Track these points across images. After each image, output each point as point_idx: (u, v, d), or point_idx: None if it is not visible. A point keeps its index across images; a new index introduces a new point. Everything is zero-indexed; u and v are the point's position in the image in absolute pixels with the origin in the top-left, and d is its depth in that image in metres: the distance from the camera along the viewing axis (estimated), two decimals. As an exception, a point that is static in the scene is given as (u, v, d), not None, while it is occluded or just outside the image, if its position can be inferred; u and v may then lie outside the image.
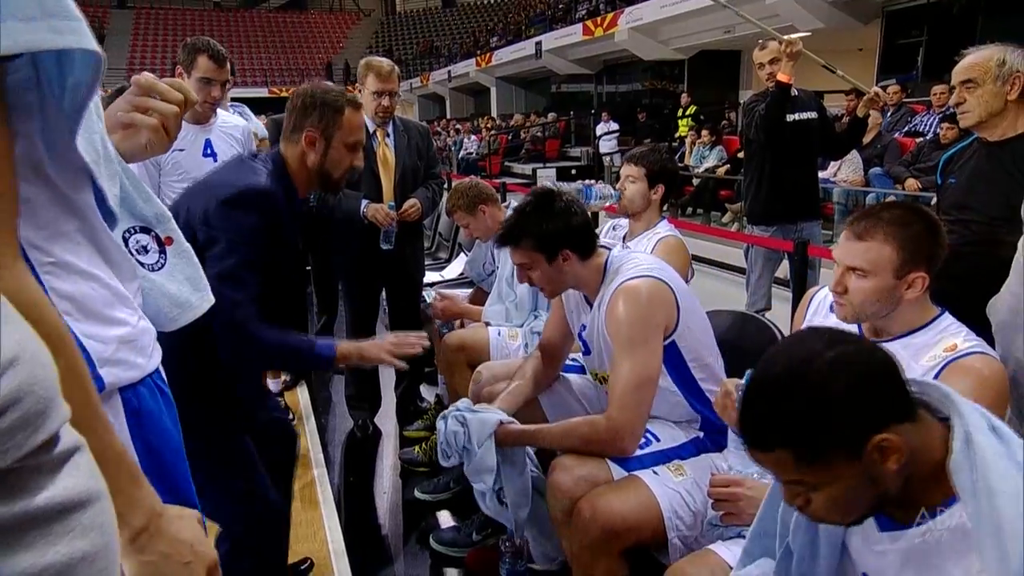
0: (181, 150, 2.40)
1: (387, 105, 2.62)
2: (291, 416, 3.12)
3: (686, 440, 1.62)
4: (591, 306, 1.70)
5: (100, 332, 0.79)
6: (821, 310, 1.44)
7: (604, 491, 1.44)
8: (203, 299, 0.98)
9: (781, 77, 2.96)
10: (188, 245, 0.98)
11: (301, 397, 3.41)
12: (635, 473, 1.49)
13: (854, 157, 5.73)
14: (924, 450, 0.80)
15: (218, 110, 2.58)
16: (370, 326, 2.95)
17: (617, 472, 1.52)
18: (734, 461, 1.32)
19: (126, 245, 0.90)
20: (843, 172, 5.90)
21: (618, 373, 1.53)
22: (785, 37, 2.96)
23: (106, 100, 0.92)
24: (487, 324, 2.57)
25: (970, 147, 1.94)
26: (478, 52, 20.43)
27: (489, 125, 16.19)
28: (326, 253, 3.38)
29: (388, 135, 2.70)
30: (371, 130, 2.66)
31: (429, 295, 3.72)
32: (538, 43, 16.22)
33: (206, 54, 2.36)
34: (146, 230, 0.92)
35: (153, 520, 0.68)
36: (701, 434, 1.64)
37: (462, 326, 2.78)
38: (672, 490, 1.45)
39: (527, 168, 12.62)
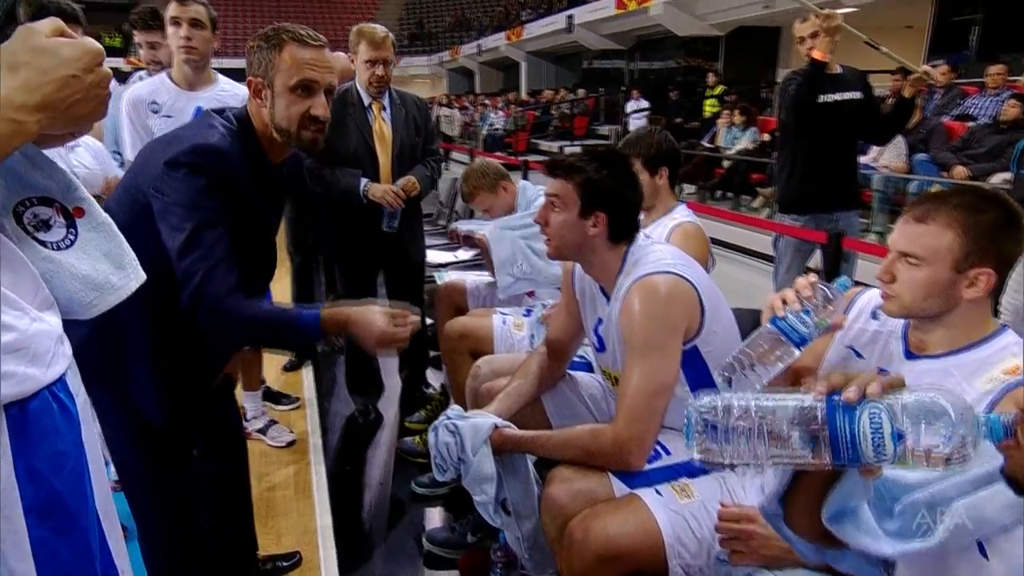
0: (169, 116, 2.23)
1: (381, 74, 2.43)
2: (295, 400, 3.03)
3: (697, 456, 1.46)
4: (607, 298, 1.54)
5: None
6: (863, 315, 1.24)
7: (599, 511, 1.30)
8: (127, 277, 0.83)
9: (815, 54, 2.74)
10: (106, 217, 0.82)
11: (306, 379, 3.33)
12: (636, 492, 1.34)
13: (899, 141, 5.38)
14: None
15: (219, 76, 2.39)
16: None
17: (619, 488, 1.37)
18: (750, 488, 1.17)
19: (20, 222, 0.75)
20: (886, 157, 5.54)
21: (629, 379, 1.37)
22: (824, 11, 2.72)
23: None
24: (496, 311, 2.44)
25: None
26: (509, 25, 20.03)
27: (514, 99, 15.93)
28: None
29: (384, 108, 2.52)
30: (366, 103, 2.50)
31: (440, 277, 3.59)
32: (570, 16, 15.79)
33: None
34: (47, 201, 0.77)
35: None
36: (714, 451, 1.48)
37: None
38: (676, 513, 1.29)
39: (554, 146, 12.34)
